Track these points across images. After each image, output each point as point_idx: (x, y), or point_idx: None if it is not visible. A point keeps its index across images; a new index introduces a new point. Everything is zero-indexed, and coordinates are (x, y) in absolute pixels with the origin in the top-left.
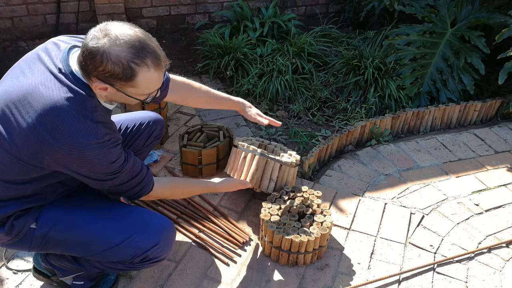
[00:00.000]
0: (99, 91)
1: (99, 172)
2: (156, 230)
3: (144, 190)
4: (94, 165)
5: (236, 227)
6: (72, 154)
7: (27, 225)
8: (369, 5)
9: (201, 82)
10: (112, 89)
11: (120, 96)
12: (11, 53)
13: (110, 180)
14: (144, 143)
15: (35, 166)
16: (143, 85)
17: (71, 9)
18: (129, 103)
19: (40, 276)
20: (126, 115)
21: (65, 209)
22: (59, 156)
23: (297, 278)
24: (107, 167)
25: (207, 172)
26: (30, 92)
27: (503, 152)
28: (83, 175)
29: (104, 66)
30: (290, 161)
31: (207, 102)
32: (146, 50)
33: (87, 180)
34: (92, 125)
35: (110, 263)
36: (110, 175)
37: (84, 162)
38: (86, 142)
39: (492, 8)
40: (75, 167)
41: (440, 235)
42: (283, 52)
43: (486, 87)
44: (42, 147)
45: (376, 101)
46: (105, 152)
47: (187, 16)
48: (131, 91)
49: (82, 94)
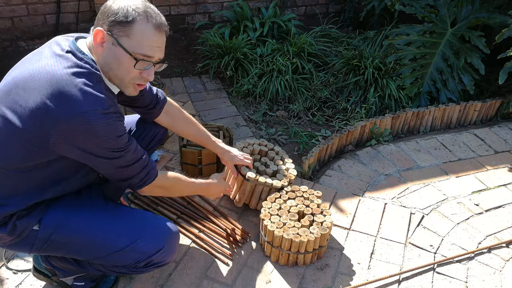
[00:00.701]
0: (97, 46)
1: (105, 147)
2: (161, 235)
3: (150, 175)
4: (100, 138)
5: (236, 227)
6: (78, 127)
7: (30, 226)
8: (369, 5)
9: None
10: (109, 41)
11: (113, 53)
12: (11, 53)
13: (116, 159)
14: (147, 146)
15: (41, 148)
16: (138, 36)
17: (71, 9)
18: (122, 74)
19: (40, 276)
20: (130, 117)
21: (69, 212)
22: (65, 129)
23: (297, 278)
24: (113, 142)
25: (207, 172)
26: (37, 73)
27: (503, 152)
28: (89, 152)
29: (109, 7)
30: (280, 185)
31: (195, 137)
32: (151, 10)
33: (93, 160)
34: (97, 96)
35: (114, 266)
36: (116, 151)
37: (91, 135)
38: (92, 112)
39: (492, 8)
40: (81, 143)
41: (440, 235)
42: (283, 52)
43: (486, 87)
44: (48, 121)
45: (376, 101)
46: (111, 124)
47: (187, 16)
48: (125, 42)
49: (88, 68)
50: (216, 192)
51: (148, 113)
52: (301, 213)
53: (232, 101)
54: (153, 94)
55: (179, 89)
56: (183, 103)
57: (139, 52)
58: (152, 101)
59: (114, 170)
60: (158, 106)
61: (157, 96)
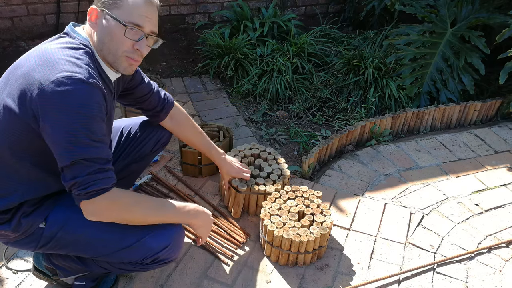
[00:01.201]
0: (91, 25)
1: (75, 123)
2: (167, 231)
3: (106, 181)
4: (73, 108)
5: (236, 227)
6: (54, 94)
7: (35, 224)
8: (369, 5)
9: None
10: (100, 16)
11: (106, 28)
12: (11, 53)
13: (82, 149)
14: (151, 149)
15: (28, 124)
16: (129, 6)
17: (71, 9)
18: (115, 48)
19: (41, 275)
20: (134, 120)
21: (75, 210)
22: (43, 98)
23: (297, 278)
24: (86, 120)
25: (207, 172)
26: (30, 54)
27: (503, 152)
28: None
29: None
30: (274, 189)
31: (196, 146)
32: None
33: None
34: (81, 65)
35: (120, 263)
36: (85, 136)
37: (64, 105)
38: (71, 74)
39: (492, 8)
40: (54, 114)
41: (440, 235)
42: (283, 52)
43: (486, 87)
44: (32, 88)
45: (376, 101)
46: (88, 97)
47: (187, 16)
48: (115, 13)
49: (79, 45)
50: (203, 225)
51: (154, 116)
52: (301, 213)
53: (232, 101)
54: (160, 97)
55: (179, 89)
56: (183, 103)
57: (129, 21)
58: (159, 104)
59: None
60: (164, 110)
61: (164, 100)
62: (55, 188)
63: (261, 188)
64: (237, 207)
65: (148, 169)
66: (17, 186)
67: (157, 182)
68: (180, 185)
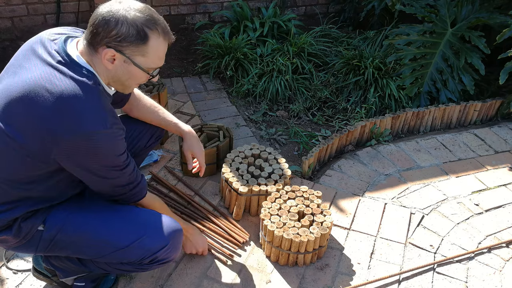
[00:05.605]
0: (105, 63)
1: (105, 165)
2: (165, 232)
3: (141, 193)
4: (101, 155)
5: (236, 227)
6: (80, 145)
7: (34, 227)
8: (369, 5)
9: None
10: (120, 59)
11: (125, 69)
12: (11, 53)
13: (113, 179)
14: (146, 144)
15: (42, 162)
16: (152, 53)
17: (71, 9)
18: (130, 83)
19: (40, 276)
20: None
21: (73, 211)
22: (67, 147)
23: (297, 278)
24: (113, 159)
25: (207, 172)
26: (33, 88)
27: (503, 152)
28: (87, 169)
29: (118, 29)
30: (275, 189)
31: (153, 120)
32: (157, 19)
33: (91, 177)
34: (100, 115)
35: (119, 264)
36: (115, 170)
37: (92, 154)
38: (95, 132)
39: (492, 8)
40: (81, 160)
41: (440, 235)
42: (283, 52)
43: (486, 87)
44: (49, 138)
45: (376, 101)
46: (113, 143)
47: (187, 16)
48: (140, 60)
49: (87, 84)
50: (191, 243)
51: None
52: (301, 213)
53: (232, 101)
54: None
55: (179, 89)
56: (183, 103)
57: (152, 67)
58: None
59: (108, 189)
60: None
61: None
62: (69, 195)
63: (262, 189)
64: (238, 209)
65: (148, 169)
66: (26, 201)
67: (157, 182)
68: (180, 185)
